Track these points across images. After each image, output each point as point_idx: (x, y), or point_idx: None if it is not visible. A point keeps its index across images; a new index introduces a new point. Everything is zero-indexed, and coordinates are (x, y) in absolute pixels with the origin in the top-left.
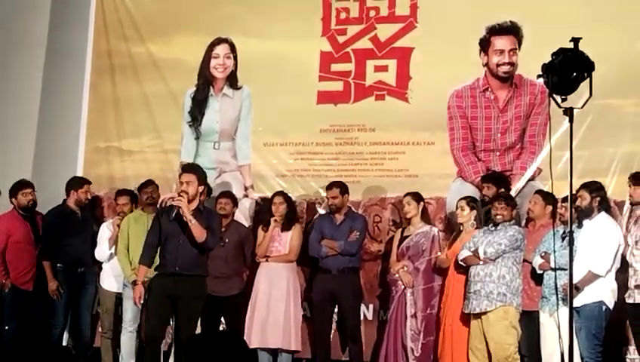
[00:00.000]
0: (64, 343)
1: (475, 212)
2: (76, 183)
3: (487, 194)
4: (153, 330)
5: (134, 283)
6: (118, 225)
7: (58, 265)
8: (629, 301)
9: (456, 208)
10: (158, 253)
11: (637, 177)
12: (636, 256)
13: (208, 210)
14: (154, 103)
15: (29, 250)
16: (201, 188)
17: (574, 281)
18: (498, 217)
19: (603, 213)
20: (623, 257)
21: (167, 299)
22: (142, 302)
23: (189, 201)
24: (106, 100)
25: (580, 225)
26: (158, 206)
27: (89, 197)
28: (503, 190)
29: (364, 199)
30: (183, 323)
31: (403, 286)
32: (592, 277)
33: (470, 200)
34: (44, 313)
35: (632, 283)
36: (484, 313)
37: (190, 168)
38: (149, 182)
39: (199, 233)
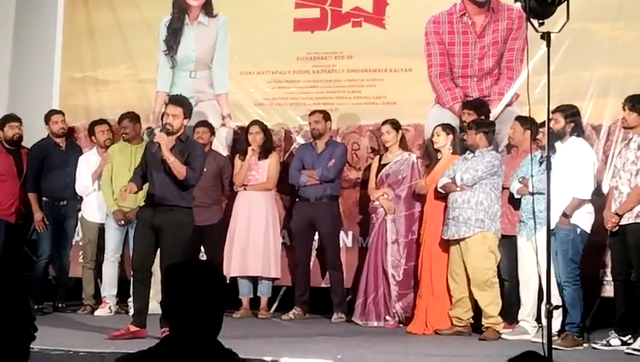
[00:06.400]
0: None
1: (451, 137)
2: (46, 115)
3: (466, 121)
4: (138, 260)
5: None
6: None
7: (43, 198)
8: None
9: (432, 135)
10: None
11: (633, 102)
12: (622, 178)
13: (191, 141)
14: (129, 32)
15: (13, 182)
16: (186, 122)
17: (561, 209)
18: (470, 145)
19: (574, 137)
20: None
21: (150, 229)
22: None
23: (173, 134)
24: (80, 29)
25: (552, 149)
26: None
27: (63, 128)
28: (482, 117)
29: (341, 127)
30: (164, 254)
31: (384, 213)
32: (579, 203)
33: (445, 126)
34: (27, 245)
35: (616, 205)
36: (463, 239)
37: (178, 101)
38: (123, 117)
39: (179, 171)
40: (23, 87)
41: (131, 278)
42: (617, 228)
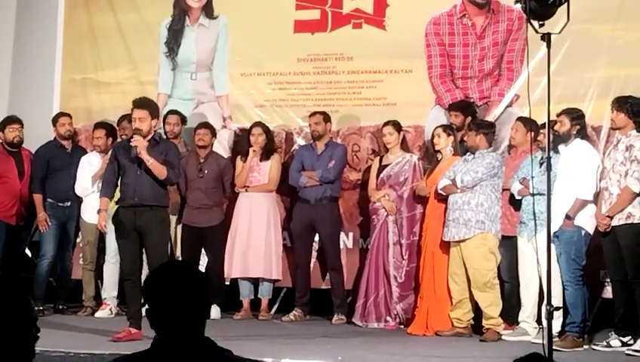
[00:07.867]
0: None
1: (452, 138)
2: (54, 118)
3: (454, 123)
4: (127, 265)
5: (98, 211)
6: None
7: (47, 199)
8: None
9: (433, 136)
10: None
11: (619, 102)
12: (612, 180)
13: (164, 141)
14: (129, 34)
15: (13, 184)
16: (154, 123)
17: (565, 211)
18: (470, 146)
19: (578, 139)
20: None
21: (133, 231)
22: (106, 227)
23: (144, 136)
24: (80, 31)
25: (556, 151)
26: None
27: (70, 130)
28: (470, 118)
29: (342, 128)
30: (152, 254)
31: (385, 215)
32: (581, 204)
33: (446, 127)
34: (29, 246)
35: (606, 206)
36: (463, 240)
37: (141, 104)
38: (122, 119)
39: (159, 171)
40: (23, 89)
41: (125, 282)
42: (610, 228)
